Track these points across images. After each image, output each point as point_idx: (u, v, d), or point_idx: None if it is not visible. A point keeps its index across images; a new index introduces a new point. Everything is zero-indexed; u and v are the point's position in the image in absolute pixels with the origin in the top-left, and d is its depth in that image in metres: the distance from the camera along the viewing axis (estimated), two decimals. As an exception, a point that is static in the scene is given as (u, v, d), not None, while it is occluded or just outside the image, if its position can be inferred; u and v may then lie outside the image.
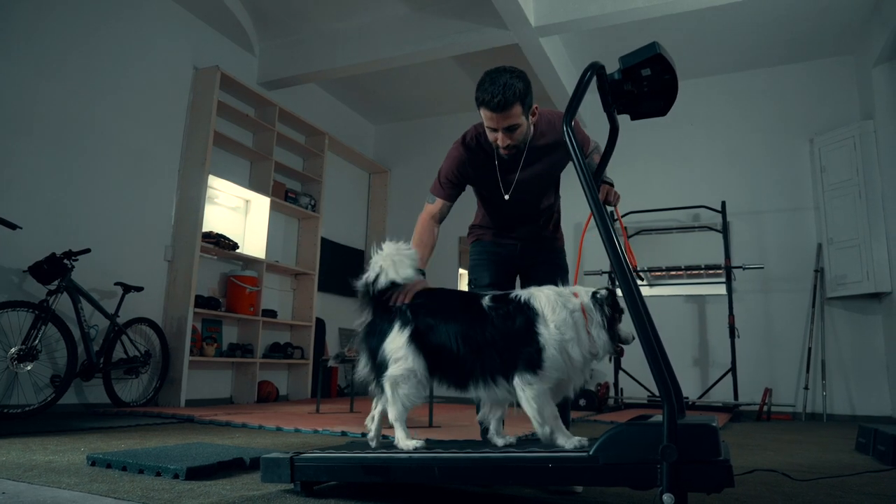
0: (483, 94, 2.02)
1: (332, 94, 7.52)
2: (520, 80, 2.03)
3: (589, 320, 1.77)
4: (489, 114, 2.04)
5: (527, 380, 1.71)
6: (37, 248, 4.11)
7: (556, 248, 2.48)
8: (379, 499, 1.78)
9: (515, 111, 2.03)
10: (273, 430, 3.64)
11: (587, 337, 1.76)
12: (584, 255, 6.76)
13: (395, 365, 1.82)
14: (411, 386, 1.82)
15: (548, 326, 1.73)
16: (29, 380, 4.00)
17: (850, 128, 5.75)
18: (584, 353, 1.75)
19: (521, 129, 2.09)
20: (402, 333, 1.84)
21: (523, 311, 1.78)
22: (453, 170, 2.28)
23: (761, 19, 5.65)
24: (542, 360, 1.71)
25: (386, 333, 1.87)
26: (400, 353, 1.82)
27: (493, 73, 2.05)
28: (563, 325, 1.73)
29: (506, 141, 2.09)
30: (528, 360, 1.72)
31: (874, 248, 5.43)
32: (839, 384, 5.73)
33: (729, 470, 1.38)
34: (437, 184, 2.32)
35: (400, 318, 1.87)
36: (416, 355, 1.82)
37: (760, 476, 2.26)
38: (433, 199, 2.31)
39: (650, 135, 6.48)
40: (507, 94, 1.99)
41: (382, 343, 1.86)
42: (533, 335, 1.73)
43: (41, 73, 4.35)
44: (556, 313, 1.74)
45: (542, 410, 1.71)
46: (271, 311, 6.11)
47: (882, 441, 2.89)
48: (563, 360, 1.72)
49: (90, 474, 2.04)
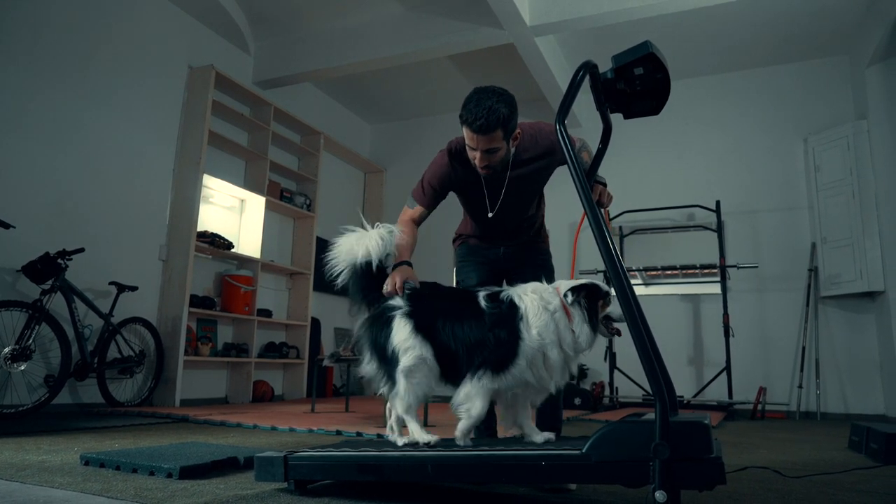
0: (467, 113, 2.01)
1: (327, 93, 7.51)
2: (505, 106, 2.02)
3: (572, 317, 1.81)
4: (471, 134, 2.04)
5: (482, 374, 1.79)
6: (30, 247, 4.09)
7: (541, 249, 2.50)
8: (372, 497, 1.78)
9: (497, 135, 2.04)
10: (268, 430, 3.64)
11: (570, 335, 1.80)
12: (579, 253, 6.77)
13: (406, 355, 1.83)
14: (423, 374, 1.84)
15: (530, 332, 1.79)
16: (23, 380, 3.98)
17: (844, 127, 5.77)
18: (567, 352, 1.80)
19: (501, 152, 2.10)
20: (407, 325, 1.86)
21: (511, 314, 1.82)
22: (437, 179, 2.27)
23: (756, 19, 5.67)
24: (509, 365, 1.78)
25: (390, 326, 1.88)
26: (409, 343, 1.84)
27: (481, 94, 2.03)
28: (545, 329, 1.79)
29: (484, 162, 2.10)
30: (496, 361, 1.78)
31: (867, 247, 5.46)
32: (833, 383, 5.76)
33: (721, 467, 1.39)
34: (419, 189, 2.31)
35: (400, 309, 1.90)
36: (424, 344, 1.84)
37: (753, 473, 2.27)
38: (413, 203, 2.30)
39: (645, 134, 6.50)
40: (490, 118, 1.99)
41: (390, 337, 1.87)
42: (514, 340, 1.79)
43: (35, 72, 4.33)
44: (539, 317, 1.80)
45: (473, 407, 1.80)
46: (266, 310, 6.11)
47: (875, 439, 2.90)
48: (528, 367, 1.78)
49: (83, 474, 2.03)
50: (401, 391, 1.84)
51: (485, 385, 1.79)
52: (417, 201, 2.30)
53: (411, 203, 2.31)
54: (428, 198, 2.29)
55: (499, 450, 1.64)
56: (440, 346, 1.86)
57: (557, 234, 3.18)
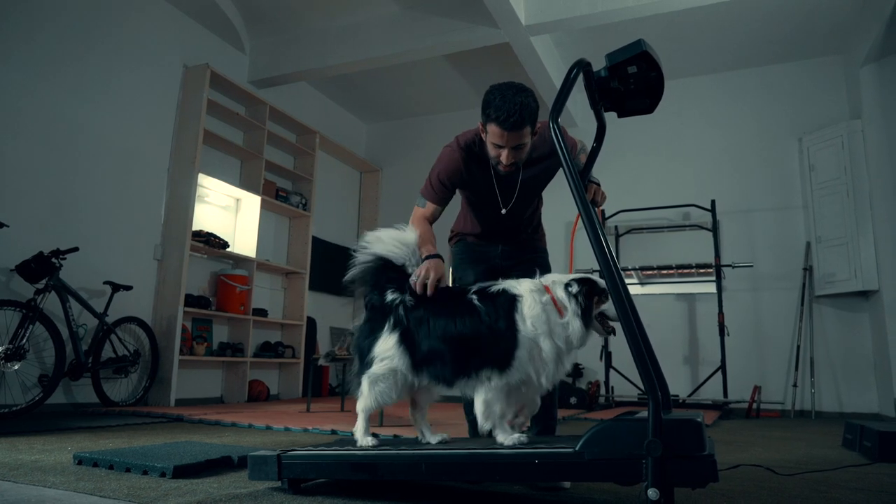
0: (497, 112, 1.97)
1: (323, 92, 7.50)
2: (533, 100, 2.01)
3: (563, 311, 1.80)
4: (500, 131, 2.00)
5: (489, 375, 1.79)
6: (24, 246, 4.08)
7: (538, 248, 2.50)
8: (366, 496, 1.78)
9: (526, 131, 2.02)
10: (263, 429, 3.63)
11: (561, 329, 1.79)
12: (574, 253, 6.78)
13: (380, 364, 1.88)
14: (388, 385, 1.89)
15: (525, 323, 1.78)
16: (16, 379, 3.97)
17: (839, 127, 5.79)
18: (559, 345, 1.79)
19: (526, 147, 2.09)
20: (393, 335, 1.89)
21: (506, 308, 1.81)
22: (447, 175, 2.22)
23: (751, 19, 5.68)
24: (511, 359, 1.77)
25: (378, 334, 1.92)
26: (388, 354, 1.88)
27: (505, 90, 2.00)
28: (537, 320, 1.78)
29: (510, 159, 2.07)
30: (497, 358, 1.78)
31: (862, 246, 5.48)
32: (827, 382, 5.78)
33: (713, 465, 1.39)
34: (429, 187, 2.26)
35: (393, 316, 1.91)
36: (403, 355, 1.87)
37: (746, 471, 2.28)
38: (424, 202, 2.25)
39: (639, 133, 6.51)
40: (523, 113, 1.96)
41: (374, 345, 1.92)
42: (512, 333, 1.78)
43: (30, 71, 4.32)
44: (532, 308, 1.79)
45: (491, 405, 1.79)
46: (262, 310, 6.10)
47: (868, 437, 2.92)
48: (528, 359, 1.77)
49: (76, 473, 2.03)
50: (364, 393, 1.92)
51: (496, 385, 1.78)
52: (429, 199, 2.25)
53: (421, 202, 2.26)
54: (439, 195, 2.24)
55: (492, 448, 1.65)
56: (432, 349, 1.86)
57: (552, 234, 3.18)
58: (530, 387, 1.83)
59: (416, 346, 1.87)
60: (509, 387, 1.80)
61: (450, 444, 1.93)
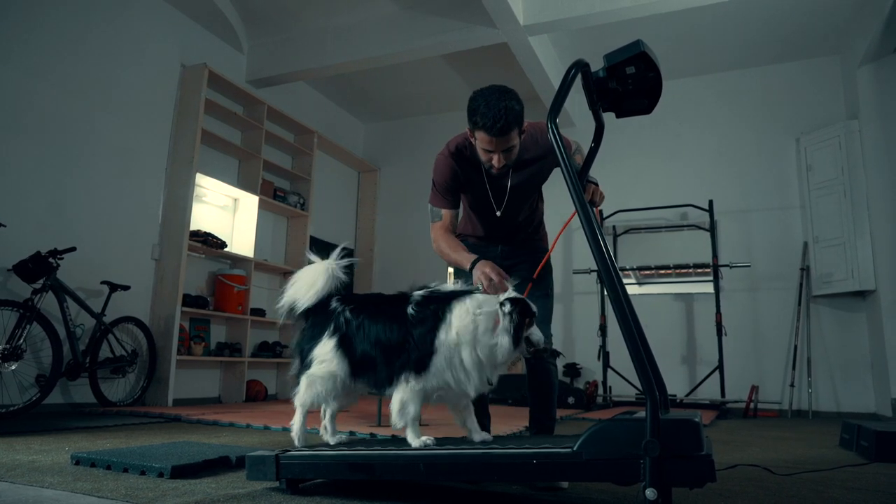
0: (483, 119, 2.00)
1: (321, 92, 7.49)
2: (517, 102, 2.04)
3: (498, 325, 1.82)
4: (488, 137, 2.03)
5: (407, 377, 1.86)
6: (21, 246, 4.07)
7: (539, 248, 2.50)
8: (364, 496, 1.78)
9: (513, 134, 2.05)
10: (261, 429, 3.63)
11: (489, 342, 1.81)
12: (573, 254, 6.79)
13: (320, 366, 1.99)
14: (327, 388, 1.98)
15: (449, 332, 1.83)
16: (13, 379, 3.95)
17: (836, 127, 5.80)
18: (482, 357, 1.82)
19: (516, 148, 2.12)
20: (332, 339, 1.99)
21: (435, 316, 1.87)
22: (446, 180, 2.26)
23: (748, 19, 5.69)
24: (428, 364, 1.83)
25: (318, 339, 2.03)
26: (326, 357, 1.98)
27: (488, 95, 2.02)
28: (463, 329, 1.82)
29: (501, 162, 2.10)
30: (415, 362, 1.85)
31: (859, 246, 5.49)
32: (824, 381, 5.79)
33: (711, 465, 1.39)
34: (436, 196, 2.29)
35: (334, 322, 2.02)
36: (341, 360, 1.97)
37: (743, 471, 2.29)
38: (439, 213, 2.28)
39: (638, 133, 6.51)
40: (509, 118, 1.99)
41: (314, 348, 2.02)
42: (432, 340, 1.84)
43: (27, 71, 4.30)
44: (461, 319, 1.83)
45: (406, 405, 1.85)
46: (260, 309, 6.09)
47: (865, 437, 2.92)
48: (447, 366, 1.83)
49: (74, 473, 2.02)
50: (301, 390, 2.04)
51: (412, 387, 1.85)
52: (441, 207, 2.28)
53: (436, 214, 2.28)
54: (448, 199, 2.28)
55: (490, 448, 1.65)
56: (364, 355, 1.95)
57: (553, 233, 3.18)
58: (450, 392, 1.88)
59: (353, 350, 1.97)
60: (426, 391, 1.86)
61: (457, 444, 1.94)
